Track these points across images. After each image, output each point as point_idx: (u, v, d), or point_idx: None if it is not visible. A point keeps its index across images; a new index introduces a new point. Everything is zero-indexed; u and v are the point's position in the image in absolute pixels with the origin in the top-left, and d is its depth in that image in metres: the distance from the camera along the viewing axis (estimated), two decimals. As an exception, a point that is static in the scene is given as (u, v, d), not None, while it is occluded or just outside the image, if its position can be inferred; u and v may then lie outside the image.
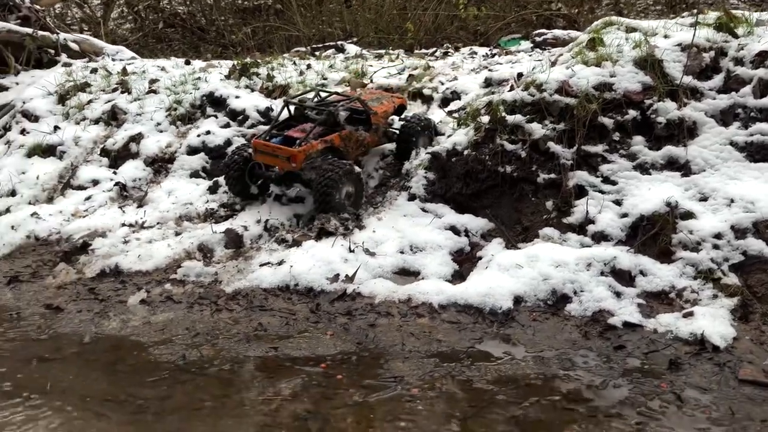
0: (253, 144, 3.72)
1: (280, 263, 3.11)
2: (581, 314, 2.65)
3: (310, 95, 4.15)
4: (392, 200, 3.74)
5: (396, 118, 4.31)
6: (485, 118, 3.55)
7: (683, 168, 3.14)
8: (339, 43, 8.29)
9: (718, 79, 3.32)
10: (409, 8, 9.07)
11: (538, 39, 7.44)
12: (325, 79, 5.26)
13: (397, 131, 4.08)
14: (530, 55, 6.19)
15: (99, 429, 1.93)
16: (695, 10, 4.88)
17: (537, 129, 3.40)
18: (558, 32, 7.70)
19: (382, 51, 7.92)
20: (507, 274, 2.86)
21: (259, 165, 3.71)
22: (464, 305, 2.73)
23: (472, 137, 3.55)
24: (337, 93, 4.27)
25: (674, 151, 3.18)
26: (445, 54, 7.09)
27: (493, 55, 6.34)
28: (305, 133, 3.68)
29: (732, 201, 2.91)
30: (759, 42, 3.29)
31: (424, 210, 3.57)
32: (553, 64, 4.01)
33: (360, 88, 4.88)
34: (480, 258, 3.16)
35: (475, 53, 6.87)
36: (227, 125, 4.71)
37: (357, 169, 3.62)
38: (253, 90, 5.23)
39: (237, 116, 4.76)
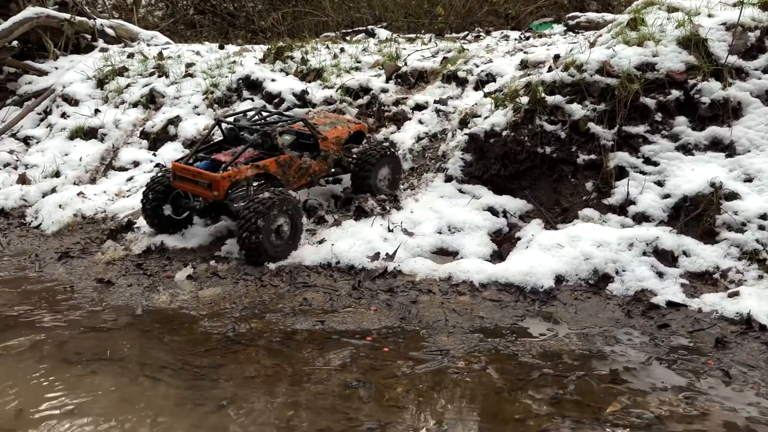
0: (172, 167, 3.18)
1: (321, 242, 3.16)
2: (623, 293, 2.65)
3: (250, 114, 3.61)
4: (428, 182, 3.76)
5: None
6: (524, 99, 3.53)
7: (728, 149, 3.10)
8: (369, 27, 8.29)
9: (764, 59, 3.25)
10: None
11: (571, 22, 7.36)
12: (359, 62, 5.28)
13: (353, 161, 3.60)
14: (564, 38, 6.13)
15: (158, 393, 2.00)
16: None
17: (577, 110, 3.38)
18: (592, 15, 7.60)
19: (413, 35, 7.90)
20: (548, 253, 2.87)
21: (182, 193, 3.18)
22: (505, 284, 2.75)
23: (511, 118, 3.54)
24: (281, 114, 3.78)
25: (718, 132, 3.14)
26: (477, 38, 7.05)
27: (527, 38, 6.29)
28: (233, 156, 3.15)
29: (779, 182, 2.87)
30: (808, 20, 3.21)
31: (461, 191, 3.59)
32: (592, 45, 3.97)
33: (312, 110, 4.66)
34: (519, 239, 3.17)
35: (508, 36, 6.83)
36: (264, 108, 4.75)
37: (293, 196, 3.08)
38: (287, 73, 5.28)
39: (273, 99, 4.82)
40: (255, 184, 3.21)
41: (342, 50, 5.59)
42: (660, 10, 3.85)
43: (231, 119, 3.44)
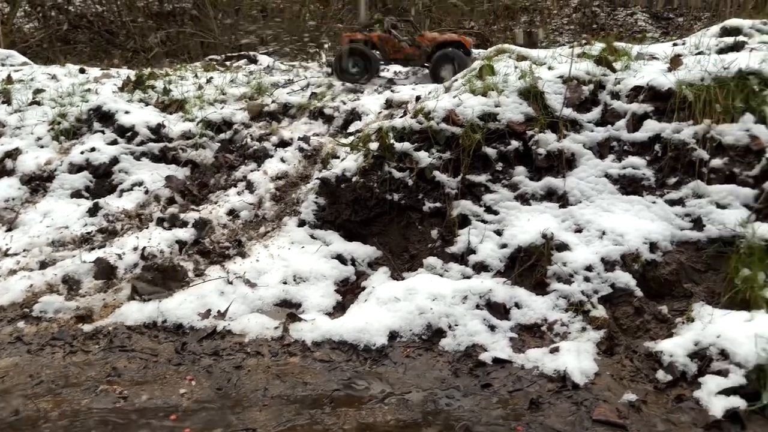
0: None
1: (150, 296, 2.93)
2: (455, 349, 2.63)
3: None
4: (282, 226, 3.63)
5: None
6: (374, 145, 3.50)
7: (561, 199, 3.21)
8: (251, 53, 8.11)
9: (596, 112, 3.42)
10: (327, 20, 9.01)
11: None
12: (225, 94, 5.09)
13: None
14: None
15: None
16: (584, 40, 5.05)
17: (424, 157, 3.39)
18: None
19: (296, 63, 7.79)
20: (384, 307, 2.81)
21: None
22: (339, 342, 2.66)
23: (362, 163, 3.49)
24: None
25: (553, 182, 3.24)
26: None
27: (415, 72, 6.37)
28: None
29: (604, 233, 2.98)
30: (634, 77, 3.41)
31: (313, 237, 3.49)
32: (447, 90, 4.04)
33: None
34: (363, 288, 3.10)
35: (387, 68, 6.88)
36: (114, 142, 4.45)
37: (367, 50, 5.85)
38: (147, 104, 5.00)
39: (125, 132, 4.52)
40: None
41: (209, 80, 5.38)
42: (510, 59, 3.98)
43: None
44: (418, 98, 4.41)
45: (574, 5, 15.57)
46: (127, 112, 4.63)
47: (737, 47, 3.49)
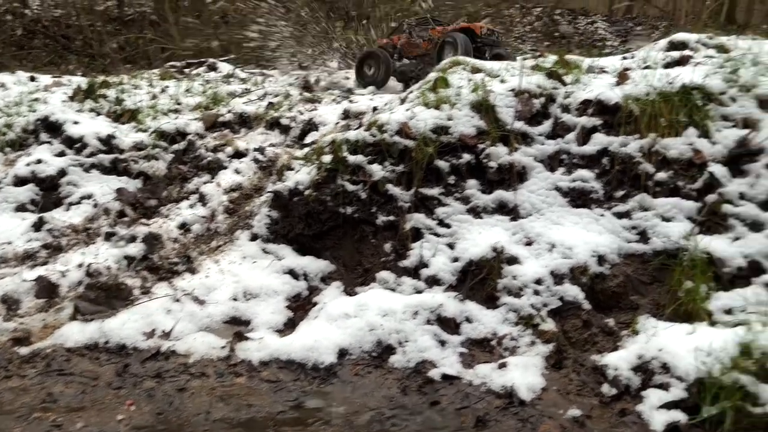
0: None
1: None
2: (404, 366, 2.61)
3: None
4: (234, 241, 3.57)
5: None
6: (327, 158, 3.47)
7: (512, 212, 3.23)
8: (212, 60, 8.00)
9: (547, 125, 3.45)
10: (290, 27, 8.93)
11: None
12: (180, 103, 5.00)
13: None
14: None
15: None
16: (537, 53, 5.12)
17: (377, 170, 3.37)
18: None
19: (256, 70, 7.72)
20: (335, 324, 2.78)
21: None
22: (287, 361, 2.61)
23: (315, 176, 3.46)
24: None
25: (505, 195, 3.26)
26: (319, 77, 7.01)
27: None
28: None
29: (553, 246, 3.00)
30: (584, 90, 3.46)
31: (265, 251, 3.44)
32: (403, 101, 4.03)
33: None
34: (315, 304, 3.07)
35: (349, 77, 6.86)
36: (62, 153, 4.32)
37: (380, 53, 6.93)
38: (99, 114, 4.88)
39: (74, 144, 4.39)
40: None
41: (164, 90, 5.28)
42: (465, 71, 4.00)
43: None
44: (374, 109, 4.40)
45: (537, 13, 15.84)
46: (76, 123, 4.50)
47: (683, 61, 3.57)
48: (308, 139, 4.50)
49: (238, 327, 2.94)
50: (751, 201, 2.82)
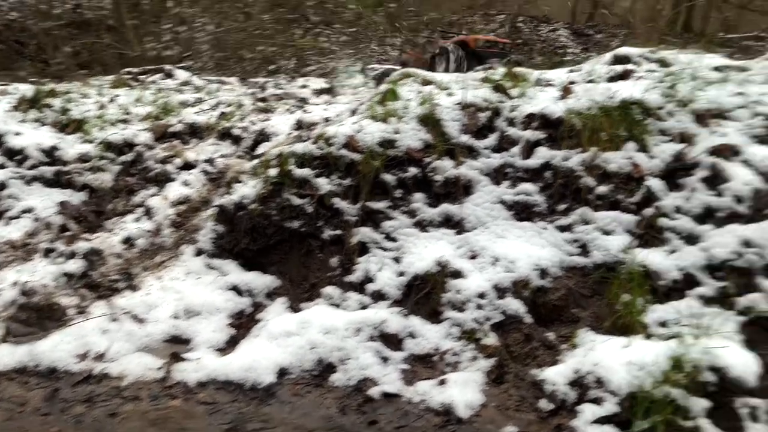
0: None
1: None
2: (345, 384, 2.59)
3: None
4: (179, 256, 3.50)
5: None
6: (273, 171, 3.43)
7: (458, 226, 3.23)
8: (168, 68, 7.87)
9: (493, 139, 3.47)
10: (249, 35, 8.86)
11: (370, 73, 7.58)
12: (129, 113, 4.90)
13: None
14: (355, 93, 6.26)
15: None
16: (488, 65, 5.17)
17: (324, 184, 3.35)
18: (391, 67, 7.90)
19: (215, 78, 7.64)
20: (275, 343, 2.74)
21: None
22: (225, 381, 2.56)
23: (260, 190, 3.42)
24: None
25: (450, 209, 3.26)
26: (277, 85, 6.97)
27: (320, 93, 6.33)
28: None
29: (497, 260, 3.02)
30: (529, 104, 3.50)
31: (210, 266, 3.37)
32: (354, 112, 4.02)
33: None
34: (258, 321, 3.02)
35: (306, 86, 6.83)
36: (2, 166, 4.19)
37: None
38: (43, 124, 4.74)
39: (15, 156, 4.26)
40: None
41: (112, 100, 5.16)
42: (415, 83, 4.01)
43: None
44: (327, 120, 4.37)
45: (500, 21, 16.02)
46: (17, 134, 4.36)
47: (626, 75, 3.64)
48: (260, 150, 4.44)
49: (178, 346, 2.88)
50: (687, 214, 2.88)
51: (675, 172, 3.00)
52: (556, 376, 2.48)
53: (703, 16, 18.37)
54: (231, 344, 2.90)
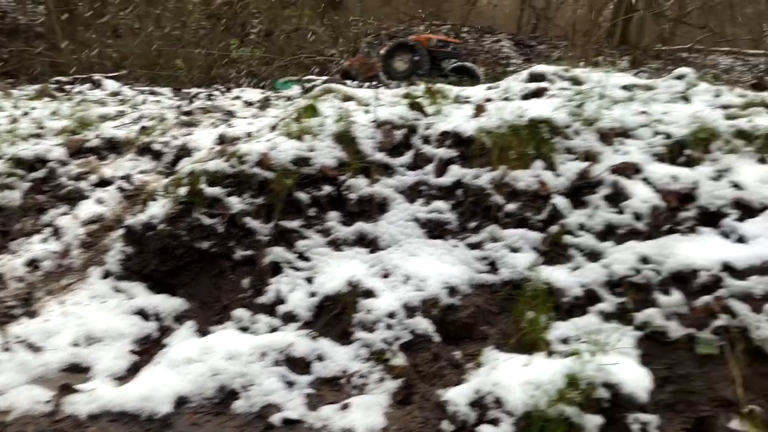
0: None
1: None
2: (247, 411, 2.53)
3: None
4: (86, 278, 3.37)
5: None
6: (183, 190, 3.34)
7: (372, 244, 3.22)
8: (97, 77, 7.63)
9: (408, 156, 3.48)
10: (183, 44, 8.68)
11: (306, 85, 7.53)
12: (43, 128, 4.71)
13: None
14: (289, 106, 6.19)
15: None
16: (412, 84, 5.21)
17: (235, 203, 3.28)
18: (327, 78, 7.87)
19: (147, 88, 7.45)
20: (176, 370, 2.65)
21: None
22: (119, 413, 2.46)
23: (169, 210, 3.32)
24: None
25: (365, 227, 3.25)
26: (209, 97, 6.85)
27: (251, 105, 6.24)
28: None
29: (408, 278, 3.02)
30: (444, 122, 3.53)
31: (117, 289, 3.25)
32: (273, 128, 3.97)
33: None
34: (164, 346, 2.93)
35: (239, 97, 6.73)
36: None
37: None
38: (-51, 138, 4.50)
39: None
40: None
41: (26, 113, 4.95)
42: (336, 99, 3.99)
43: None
44: (249, 134, 4.31)
45: (444, 31, 16.24)
46: None
47: (539, 93, 3.72)
48: (181, 166, 4.34)
49: (76, 375, 2.76)
50: (590, 231, 2.95)
51: (580, 190, 3.07)
52: (458, 396, 2.49)
53: (638, 29, 19.11)
54: (132, 372, 2.80)
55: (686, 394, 2.46)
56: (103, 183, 4.18)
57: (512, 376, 2.45)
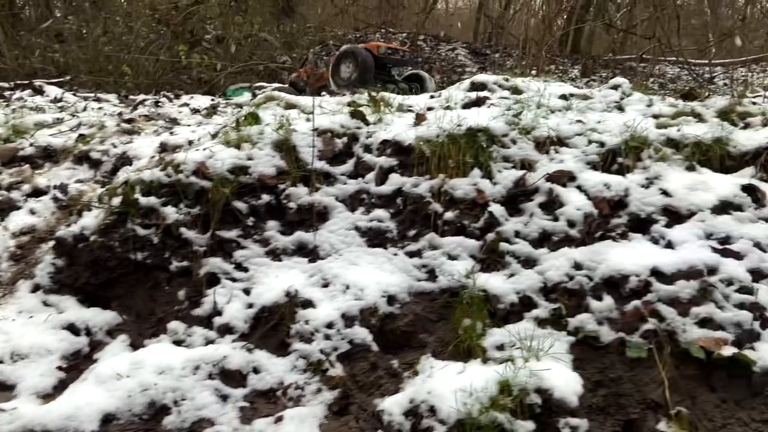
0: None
1: None
2: (179, 427, 2.46)
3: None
4: (14, 292, 3.23)
5: None
6: (116, 200, 3.25)
7: (311, 253, 3.19)
8: (38, 83, 7.39)
9: (350, 165, 3.47)
10: (130, 49, 8.48)
11: (258, 92, 7.45)
12: (-26, 136, 4.52)
13: None
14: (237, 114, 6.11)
15: None
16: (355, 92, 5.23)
17: (171, 213, 3.21)
18: (275, 85, 7.81)
19: (92, 94, 7.25)
20: (103, 387, 2.56)
21: None
22: (41, 433, 2.37)
23: (102, 220, 3.23)
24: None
25: (304, 237, 3.22)
26: (156, 104, 6.70)
27: (197, 113, 6.14)
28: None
29: (348, 287, 3.00)
30: (385, 131, 3.53)
31: (46, 303, 3.13)
32: (214, 136, 3.90)
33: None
34: (96, 360, 2.83)
35: (187, 104, 6.61)
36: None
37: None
38: None
39: None
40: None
41: (-44, 120, 4.75)
42: (278, 107, 3.95)
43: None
44: (190, 142, 4.23)
45: (401, 39, 16.37)
46: None
47: (479, 102, 3.76)
48: (120, 175, 4.22)
49: (3, 393, 2.64)
50: (525, 239, 2.99)
51: (516, 198, 3.11)
52: (393, 405, 2.47)
53: (589, 38, 19.65)
54: (59, 389, 2.69)
55: (617, 397, 2.50)
56: (37, 193, 4.03)
57: (446, 384, 2.45)
